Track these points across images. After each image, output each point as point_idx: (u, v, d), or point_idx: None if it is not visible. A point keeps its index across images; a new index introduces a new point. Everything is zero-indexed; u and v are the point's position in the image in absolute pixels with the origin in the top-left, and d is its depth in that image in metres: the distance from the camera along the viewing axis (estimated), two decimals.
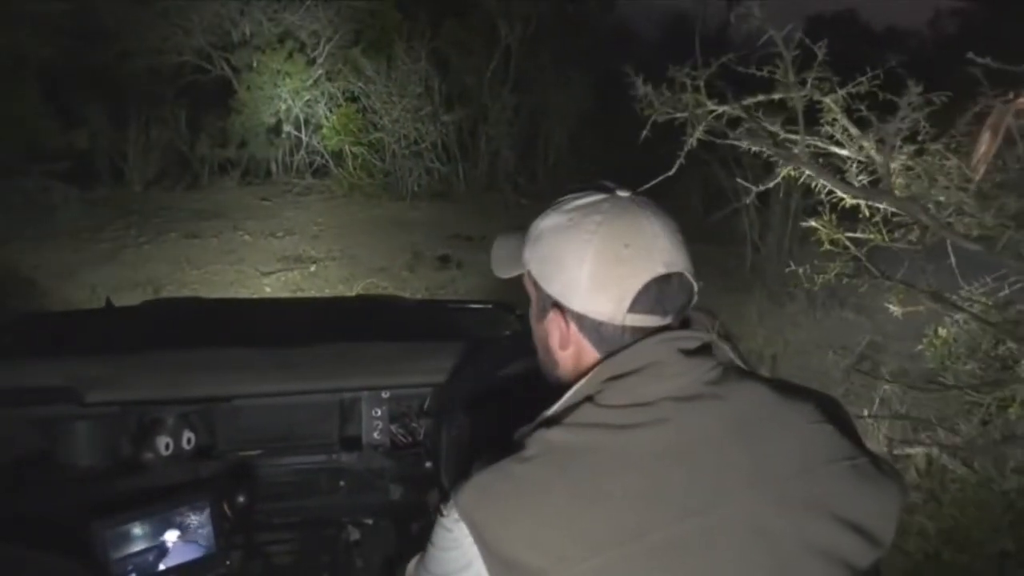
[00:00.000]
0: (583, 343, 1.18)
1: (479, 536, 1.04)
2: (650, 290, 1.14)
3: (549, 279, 1.19)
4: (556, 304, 1.19)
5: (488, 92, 12.32)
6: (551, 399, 1.18)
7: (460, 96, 12.37)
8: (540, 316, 1.24)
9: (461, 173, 12.30)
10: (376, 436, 2.36)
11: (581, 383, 1.15)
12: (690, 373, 1.13)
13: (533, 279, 1.24)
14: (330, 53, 12.53)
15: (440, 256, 8.89)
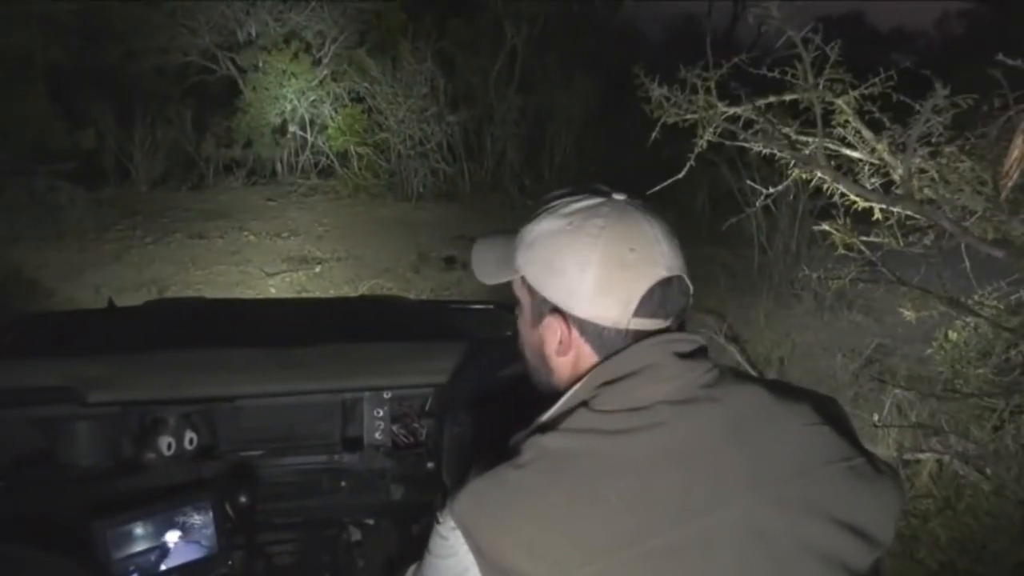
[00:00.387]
0: (583, 348, 1.18)
1: (474, 543, 1.04)
2: (654, 294, 1.14)
3: (548, 284, 1.18)
4: (556, 309, 1.18)
5: (494, 93, 12.31)
6: (547, 403, 1.17)
7: (465, 97, 12.36)
8: (535, 322, 1.23)
9: (466, 174, 12.28)
10: (378, 436, 2.34)
11: (576, 388, 1.15)
12: (685, 376, 1.12)
13: (528, 284, 1.23)
14: (335, 53, 12.54)
15: (445, 257, 8.87)
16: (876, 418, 3.36)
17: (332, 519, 2.30)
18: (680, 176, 3.28)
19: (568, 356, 1.19)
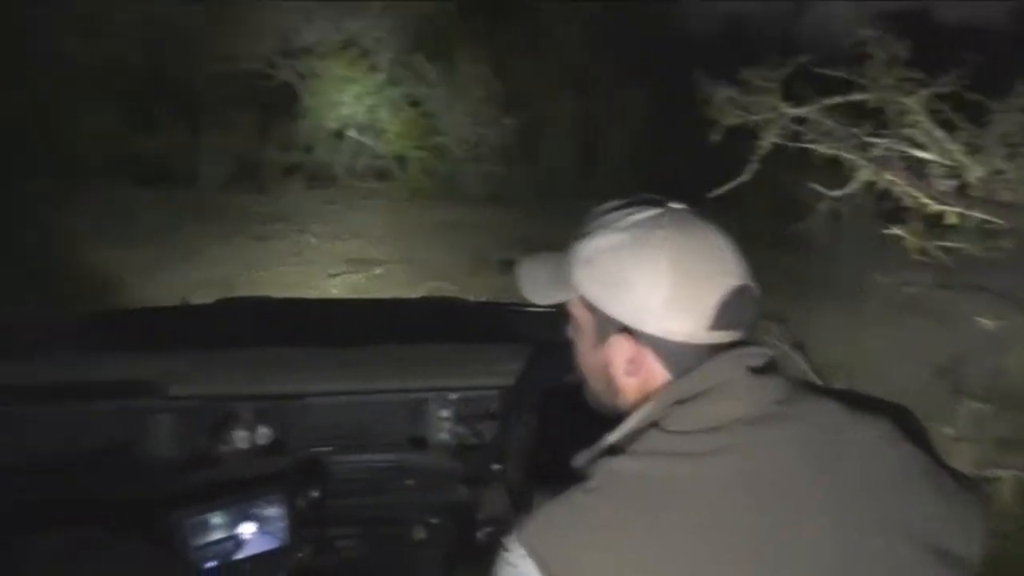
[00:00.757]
0: (654, 366, 1.15)
1: (547, 572, 1.02)
2: (728, 305, 1.11)
3: (614, 302, 1.16)
4: (623, 328, 1.15)
5: (548, 96, 12.33)
6: (612, 421, 1.16)
7: (520, 100, 12.41)
8: (598, 342, 1.21)
9: (522, 177, 12.33)
10: (443, 436, 2.38)
11: (647, 408, 1.12)
12: (759, 392, 1.10)
13: (590, 303, 1.20)
14: (392, 59, 12.72)
15: (501, 260, 8.91)
16: (951, 432, 3.25)
17: (398, 517, 2.35)
18: (743, 179, 3.24)
19: (637, 376, 1.17)
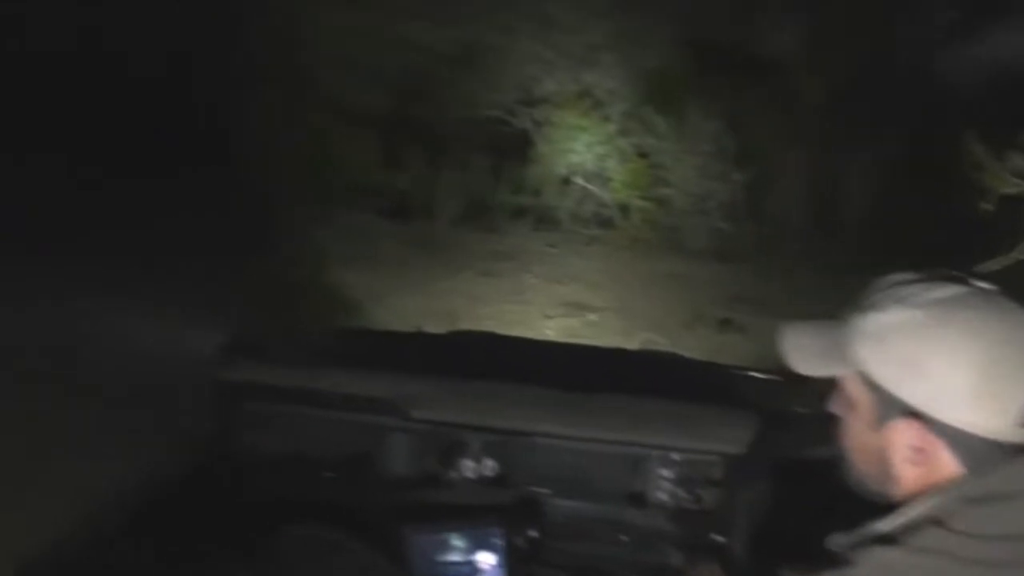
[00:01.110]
0: (944, 458, 1.08)
1: None
2: None
3: (905, 385, 1.09)
4: (912, 413, 1.09)
5: (782, 150, 11.85)
6: (873, 506, 1.11)
7: (751, 154, 12.04)
8: (877, 423, 1.15)
9: (749, 234, 11.90)
10: (662, 496, 2.32)
11: (930, 501, 1.04)
12: None
13: (872, 382, 1.14)
14: (624, 111, 12.92)
15: (720, 318, 8.63)
16: None
17: (609, 571, 2.32)
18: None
19: (922, 465, 1.10)
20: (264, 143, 10.46)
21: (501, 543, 2.14)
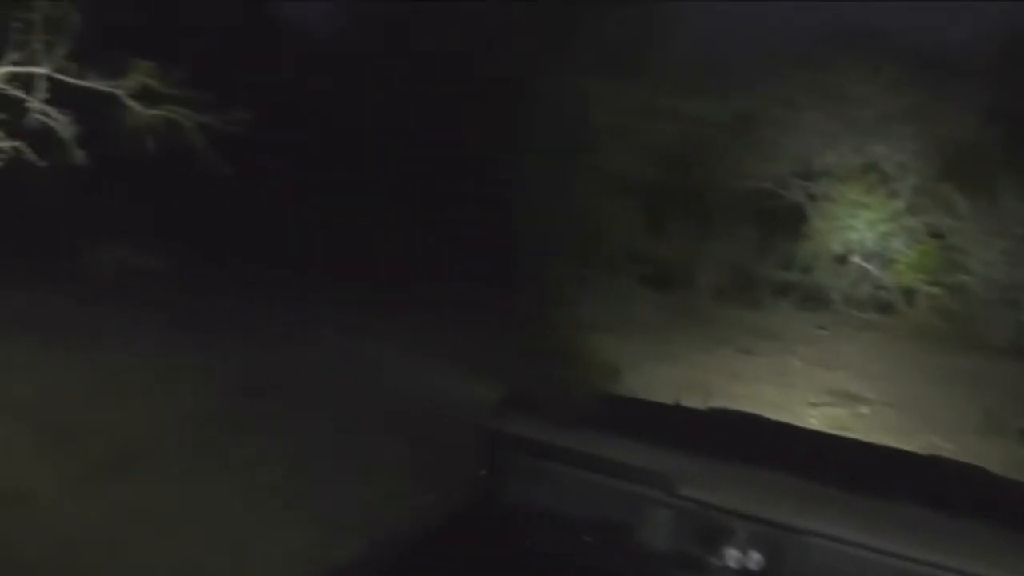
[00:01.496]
0: None
1: None
2: None
3: None
4: None
5: None
6: None
7: None
8: None
9: None
10: None
11: None
12: None
13: None
14: (915, 186, 11.87)
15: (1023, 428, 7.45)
16: None
17: None
18: None
19: None
20: (537, 208, 11.14)
21: None
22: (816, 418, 7.59)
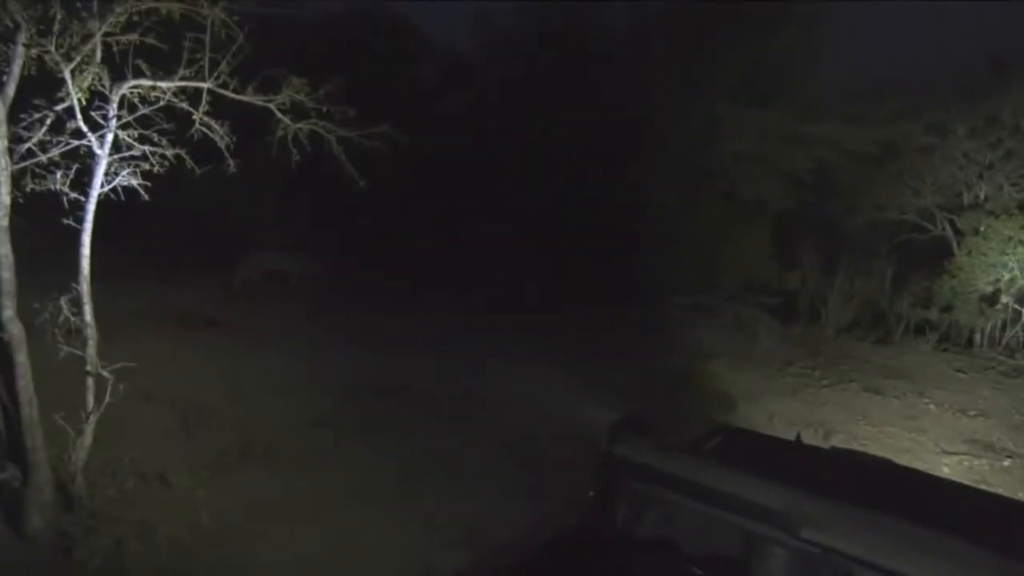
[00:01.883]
0: None
1: None
2: None
3: None
4: None
5: None
6: None
7: None
8: None
9: None
10: None
11: None
12: None
13: None
14: None
15: None
16: None
17: None
18: None
19: None
20: (665, 233, 11.03)
21: None
22: (949, 467, 7.09)
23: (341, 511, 5.37)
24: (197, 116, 5.08)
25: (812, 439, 6.51)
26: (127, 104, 4.93)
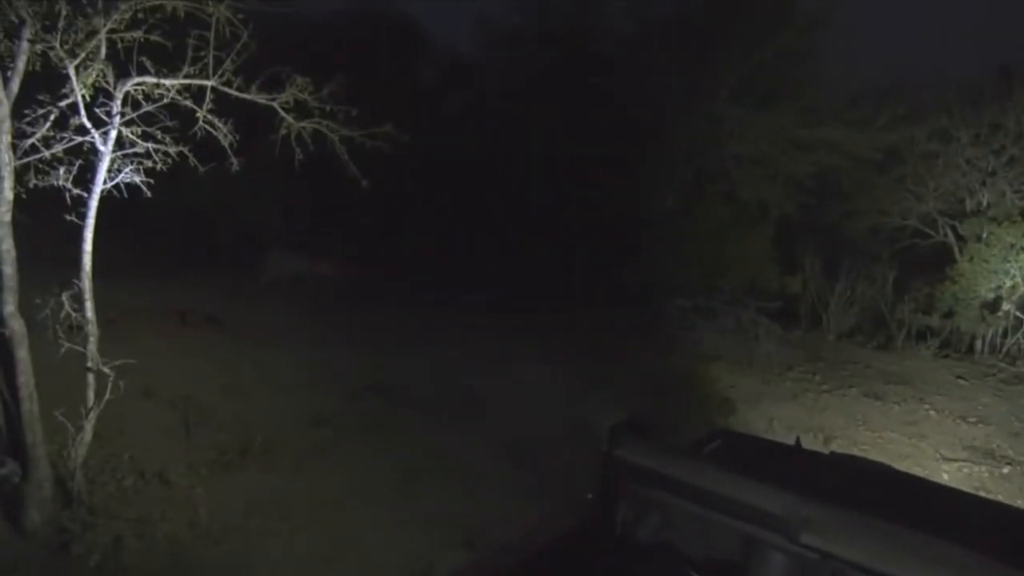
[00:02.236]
0: None
1: None
2: None
3: None
4: None
5: None
6: None
7: None
8: None
9: None
10: None
11: None
12: None
13: None
14: None
15: None
16: None
17: None
18: None
19: None
20: (666, 235, 11.02)
21: None
22: (949, 474, 7.09)
23: (341, 511, 5.37)
24: (201, 114, 5.09)
25: (812, 444, 6.51)
26: (131, 101, 4.94)
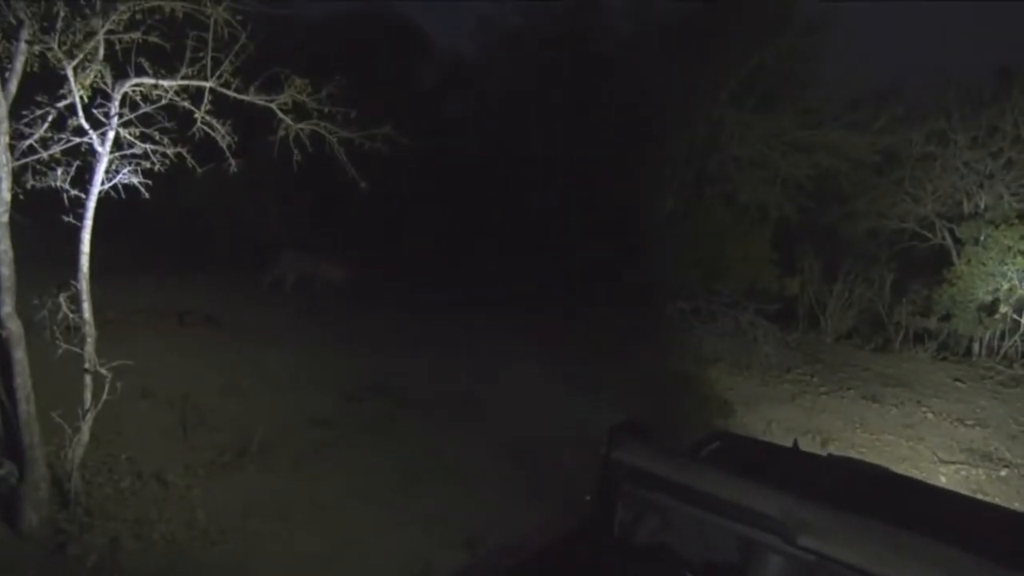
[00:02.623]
0: None
1: None
2: None
3: None
4: None
5: None
6: None
7: None
8: None
9: None
10: None
11: None
12: None
13: None
14: None
15: None
16: None
17: None
18: None
19: None
20: (664, 237, 11.01)
21: None
22: (946, 476, 7.09)
23: (340, 511, 5.36)
24: (199, 115, 5.09)
25: (809, 446, 6.53)
26: (129, 102, 4.94)
